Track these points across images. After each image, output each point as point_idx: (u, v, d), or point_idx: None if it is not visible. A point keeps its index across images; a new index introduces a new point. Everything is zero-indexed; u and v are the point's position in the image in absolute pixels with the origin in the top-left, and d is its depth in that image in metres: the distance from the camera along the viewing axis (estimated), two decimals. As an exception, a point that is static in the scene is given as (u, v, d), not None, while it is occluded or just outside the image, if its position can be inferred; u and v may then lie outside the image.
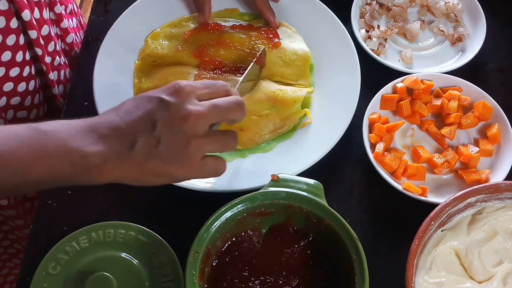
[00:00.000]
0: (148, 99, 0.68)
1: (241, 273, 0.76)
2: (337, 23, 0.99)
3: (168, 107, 0.67)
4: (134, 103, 0.69)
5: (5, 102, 0.91)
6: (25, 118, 0.96)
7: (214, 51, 0.96)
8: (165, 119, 0.66)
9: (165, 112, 0.67)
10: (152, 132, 0.66)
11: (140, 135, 0.66)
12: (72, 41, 1.06)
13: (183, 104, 0.67)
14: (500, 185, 0.77)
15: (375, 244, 0.84)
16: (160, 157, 0.66)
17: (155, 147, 0.66)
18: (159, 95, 0.68)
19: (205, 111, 0.68)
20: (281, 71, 0.96)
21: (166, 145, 0.66)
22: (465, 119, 0.91)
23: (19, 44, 0.89)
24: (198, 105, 0.68)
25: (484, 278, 0.75)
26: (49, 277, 0.79)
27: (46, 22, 0.94)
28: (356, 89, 0.93)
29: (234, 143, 0.72)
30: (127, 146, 0.66)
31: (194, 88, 0.69)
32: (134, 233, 0.82)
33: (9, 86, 0.90)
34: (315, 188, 0.78)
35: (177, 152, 0.67)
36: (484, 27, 1.01)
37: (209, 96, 0.70)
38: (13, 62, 0.89)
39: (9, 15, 0.85)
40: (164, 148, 0.66)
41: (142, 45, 0.99)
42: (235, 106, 0.70)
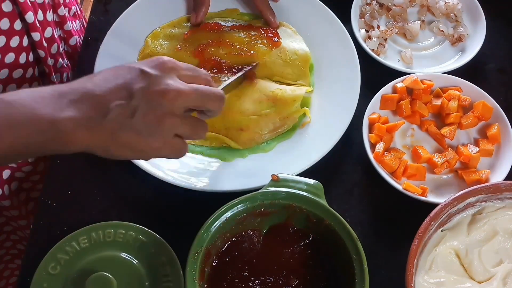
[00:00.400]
0: (129, 69, 0.66)
1: (241, 273, 0.76)
2: (337, 23, 0.99)
3: (149, 78, 0.64)
4: (113, 72, 0.66)
5: None
6: None
7: (214, 51, 0.96)
8: (144, 91, 0.64)
9: (145, 83, 0.64)
10: (129, 102, 0.63)
11: (115, 103, 0.63)
12: (75, 44, 1.06)
13: (164, 78, 0.65)
14: (500, 185, 0.77)
15: (375, 244, 0.84)
16: (133, 129, 0.64)
17: (130, 118, 0.63)
18: (141, 66, 0.66)
19: (186, 90, 0.65)
20: (281, 70, 0.96)
21: (141, 117, 0.64)
22: (465, 119, 0.91)
23: (23, 46, 0.89)
24: (179, 83, 0.65)
25: (484, 278, 0.75)
26: (49, 277, 0.79)
27: (50, 24, 0.94)
28: (356, 89, 0.93)
29: (204, 132, 0.70)
30: (100, 113, 0.63)
31: (177, 66, 0.67)
32: (134, 233, 0.82)
33: (12, 88, 0.90)
34: (315, 188, 0.78)
35: (151, 126, 0.64)
36: (484, 27, 1.01)
37: (191, 80, 0.68)
38: (16, 63, 0.89)
39: (13, 17, 0.85)
40: (139, 120, 0.64)
41: (142, 45, 0.99)
42: (215, 96, 0.68)
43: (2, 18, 0.83)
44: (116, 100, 0.64)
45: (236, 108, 0.91)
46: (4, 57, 0.86)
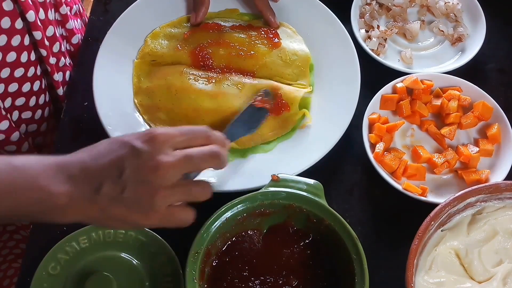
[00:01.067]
0: (122, 144, 0.67)
1: (241, 273, 0.76)
2: (337, 23, 0.99)
3: (139, 155, 0.66)
4: (108, 146, 0.68)
5: (10, 103, 0.91)
6: (30, 118, 0.96)
7: (214, 51, 0.96)
8: (134, 167, 0.66)
9: (135, 160, 0.66)
10: (119, 178, 0.65)
11: (107, 179, 0.65)
12: (77, 42, 1.06)
13: (155, 154, 0.66)
14: (500, 185, 0.77)
15: (375, 244, 0.84)
16: (123, 204, 0.66)
17: (119, 193, 0.65)
18: (132, 142, 0.67)
19: (175, 162, 0.66)
20: (281, 71, 0.96)
21: (131, 193, 0.65)
22: (465, 119, 0.91)
23: (24, 45, 0.89)
24: (169, 156, 0.66)
25: (484, 278, 0.75)
26: (49, 277, 0.79)
27: (51, 23, 0.94)
28: (356, 89, 0.93)
29: (205, 194, 0.70)
30: (93, 189, 0.65)
31: (170, 136, 0.68)
32: (134, 233, 0.82)
33: (14, 87, 0.90)
34: (315, 188, 0.78)
35: (141, 201, 0.66)
36: (484, 27, 1.01)
37: (186, 144, 0.69)
38: (18, 62, 0.89)
39: (14, 15, 0.85)
40: (128, 196, 0.65)
41: (142, 44, 0.99)
42: (209, 157, 0.69)
43: (3, 17, 0.83)
44: (108, 176, 0.66)
45: (235, 108, 0.91)
46: (6, 56, 0.86)
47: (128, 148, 0.67)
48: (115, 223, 0.69)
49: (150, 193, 0.65)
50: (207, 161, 0.69)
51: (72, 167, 0.66)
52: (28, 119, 0.96)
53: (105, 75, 0.94)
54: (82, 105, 0.96)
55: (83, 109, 0.95)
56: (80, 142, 0.92)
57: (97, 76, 0.94)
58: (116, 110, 0.92)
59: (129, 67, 0.97)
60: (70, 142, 0.94)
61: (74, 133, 0.95)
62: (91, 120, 0.92)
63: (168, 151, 0.67)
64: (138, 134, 0.68)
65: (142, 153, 0.66)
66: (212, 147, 0.70)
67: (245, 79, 0.94)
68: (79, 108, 0.96)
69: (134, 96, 0.94)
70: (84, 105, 0.96)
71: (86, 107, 0.95)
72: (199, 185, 0.70)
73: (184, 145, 0.69)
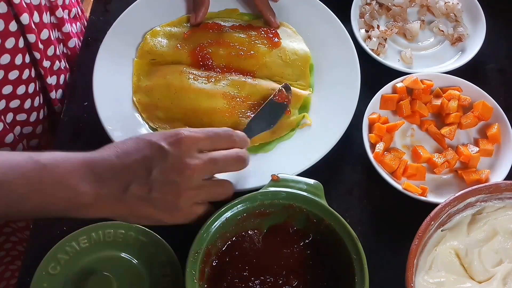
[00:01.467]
0: (150, 144, 0.69)
1: (241, 273, 0.76)
2: (337, 23, 0.99)
3: (166, 156, 0.68)
4: (135, 145, 0.70)
5: (5, 105, 0.91)
6: (25, 121, 0.96)
7: (214, 51, 0.96)
8: (162, 168, 0.68)
9: (163, 161, 0.68)
10: (147, 178, 0.67)
11: (134, 179, 0.67)
12: (74, 46, 1.05)
13: (182, 157, 0.68)
14: (500, 185, 0.77)
15: (375, 244, 0.84)
16: (150, 203, 0.68)
17: (147, 193, 0.68)
18: (160, 143, 0.69)
19: (202, 165, 0.69)
20: (281, 71, 0.96)
21: (158, 193, 0.68)
22: (465, 119, 0.91)
23: (18, 47, 0.88)
24: (195, 159, 0.69)
25: (484, 278, 0.75)
26: (49, 277, 0.79)
27: (46, 26, 0.94)
28: (356, 89, 0.93)
29: (227, 193, 0.74)
30: (121, 189, 0.67)
31: (196, 139, 0.70)
32: (134, 233, 0.82)
33: (8, 89, 0.90)
34: (315, 188, 0.78)
35: (168, 201, 0.69)
36: (484, 27, 1.01)
37: (211, 147, 0.71)
38: (12, 65, 0.89)
39: (8, 18, 0.85)
40: (156, 196, 0.68)
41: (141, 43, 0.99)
42: (233, 161, 0.72)
43: None
44: (135, 176, 0.68)
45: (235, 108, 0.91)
46: (0, 58, 0.86)
47: (156, 149, 0.68)
48: (140, 220, 0.72)
49: (177, 194, 0.68)
50: (231, 165, 0.72)
51: (100, 166, 0.68)
52: (23, 121, 0.96)
53: (105, 75, 0.94)
54: (82, 105, 0.96)
55: (83, 109, 0.95)
56: (80, 142, 0.93)
57: (97, 76, 0.94)
58: (116, 110, 0.92)
59: (129, 67, 0.97)
60: (70, 142, 0.94)
61: (74, 133, 0.95)
62: (91, 120, 0.92)
63: (194, 154, 0.69)
64: (165, 135, 0.70)
65: (169, 154, 0.68)
66: (237, 152, 0.73)
67: (245, 79, 0.94)
68: (79, 108, 0.96)
69: (133, 95, 0.95)
70: (84, 105, 0.96)
71: (86, 107, 0.95)
72: (221, 185, 0.74)
73: (209, 147, 0.71)
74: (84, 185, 0.67)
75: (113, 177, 0.68)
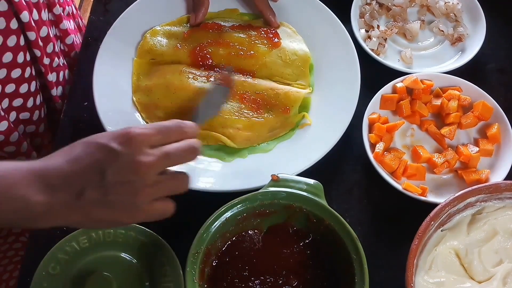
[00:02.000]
0: (99, 147, 0.67)
1: (241, 273, 0.76)
2: (337, 23, 0.99)
3: (118, 157, 0.66)
4: (84, 149, 0.68)
5: (8, 103, 0.91)
6: (28, 119, 0.96)
7: (213, 51, 0.96)
8: (115, 170, 0.66)
9: (115, 162, 0.66)
10: (101, 181, 0.65)
11: (88, 184, 0.65)
12: (72, 42, 1.05)
13: (134, 155, 0.66)
14: (500, 185, 0.77)
15: (375, 244, 0.84)
16: (107, 206, 0.66)
17: (103, 197, 0.65)
18: (110, 144, 0.67)
19: (155, 161, 0.67)
20: (281, 71, 0.96)
21: (114, 195, 0.66)
22: (465, 119, 0.91)
23: (20, 45, 0.88)
24: (148, 155, 0.67)
25: (484, 278, 0.75)
26: (49, 277, 0.79)
27: (45, 23, 0.94)
28: (356, 89, 0.93)
29: (184, 186, 0.71)
30: (74, 195, 0.65)
31: (146, 135, 0.68)
32: (134, 233, 0.82)
33: (11, 88, 0.90)
34: (315, 188, 0.78)
35: (125, 202, 0.66)
36: (484, 27, 1.01)
37: (163, 141, 0.69)
38: (15, 63, 0.89)
39: (9, 16, 0.85)
40: (112, 198, 0.66)
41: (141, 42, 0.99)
42: (186, 153, 0.70)
43: None
44: (88, 181, 0.65)
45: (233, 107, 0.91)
46: (2, 57, 0.86)
47: (107, 150, 0.66)
48: (99, 224, 0.70)
49: (133, 193, 0.66)
50: (184, 156, 0.70)
51: (50, 175, 0.66)
52: (26, 120, 0.96)
53: (105, 75, 0.94)
54: (82, 105, 0.96)
55: (83, 109, 0.95)
56: (80, 142, 0.93)
57: (97, 76, 0.94)
58: (116, 109, 0.92)
59: (129, 67, 0.97)
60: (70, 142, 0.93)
61: (74, 133, 0.94)
62: (91, 120, 0.92)
63: (146, 151, 0.67)
64: (113, 135, 0.68)
65: (121, 154, 0.66)
66: (189, 143, 0.70)
67: (245, 79, 0.94)
68: (79, 108, 0.96)
69: (133, 94, 0.95)
70: (84, 105, 0.96)
71: (86, 107, 0.95)
72: (177, 178, 0.71)
73: (161, 142, 0.69)
74: (34, 195, 0.64)
75: (64, 184, 0.65)
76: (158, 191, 0.68)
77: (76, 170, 0.66)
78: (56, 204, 0.65)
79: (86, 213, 0.66)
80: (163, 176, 0.69)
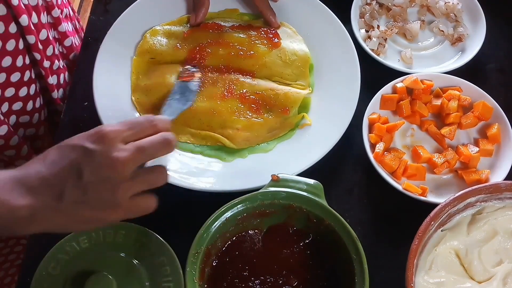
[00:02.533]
0: (73, 147, 0.68)
1: (241, 273, 0.76)
2: (337, 23, 0.99)
3: (93, 155, 0.66)
4: (59, 152, 0.68)
5: (7, 107, 0.91)
6: (28, 122, 0.96)
7: (213, 51, 0.96)
8: (91, 168, 0.66)
9: (91, 161, 0.66)
10: (79, 181, 0.66)
11: (67, 185, 0.66)
12: (70, 45, 1.05)
13: (108, 152, 0.66)
14: (500, 185, 0.77)
15: (375, 244, 0.84)
16: (88, 205, 0.66)
17: (82, 196, 0.66)
18: (83, 143, 0.67)
19: (131, 155, 0.67)
20: (281, 71, 0.96)
21: (93, 193, 0.66)
22: (465, 119, 0.91)
23: (19, 49, 0.88)
24: (123, 151, 0.67)
25: (484, 278, 0.75)
26: (49, 277, 0.79)
27: (44, 26, 0.94)
28: (356, 89, 0.93)
29: (162, 179, 0.71)
30: (55, 197, 0.66)
31: (118, 132, 0.68)
32: (134, 233, 0.82)
33: (10, 92, 0.90)
34: (315, 188, 0.78)
35: (105, 199, 0.67)
36: (484, 27, 1.01)
37: (136, 137, 0.69)
38: (14, 67, 0.89)
39: (8, 20, 0.85)
40: (91, 196, 0.66)
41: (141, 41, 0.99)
42: (161, 146, 0.70)
43: None
44: (67, 181, 0.66)
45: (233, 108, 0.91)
46: (1, 61, 0.86)
47: (81, 150, 0.67)
48: (82, 225, 0.70)
49: (112, 190, 0.66)
50: (159, 149, 0.70)
51: (30, 179, 0.66)
52: (26, 123, 0.96)
53: (105, 75, 0.94)
54: (82, 105, 0.96)
55: (83, 109, 0.95)
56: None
57: (97, 76, 0.94)
58: (116, 109, 0.92)
59: (129, 67, 0.97)
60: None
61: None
62: (91, 120, 0.91)
63: (120, 146, 0.67)
64: (86, 135, 0.69)
65: (95, 153, 0.66)
66: (163, 136, 0.71)
67: (244, 79, 0.94)
68: (79, 108, 0.96)
69: (132, 94, 0.95)
70: (84, 105, 0.96)
71: (86, 107, 0.95)
72: (155, 171, 0.71)
73: (134, 137, 0.69)
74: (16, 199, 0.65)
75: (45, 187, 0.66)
76: (136, 186, 0.68)
77: (54, 172, 0.66)
78: (39, 207, 0.65)
79: (68, 214, 0.66)
80: (140, 170, 0.69)
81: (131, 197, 0.68)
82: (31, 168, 0.68)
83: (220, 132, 0.90)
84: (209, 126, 0.91)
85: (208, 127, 0.91)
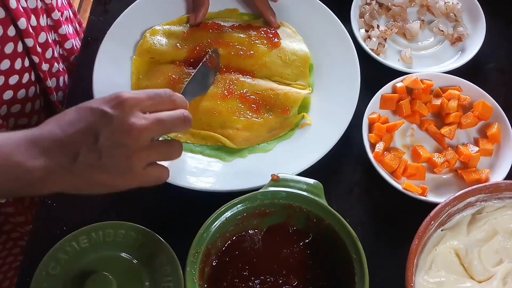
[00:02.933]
0: (91, 110, 0.68)
1: (241, 272, 0.76)
2: (337, 23, 0.99)
3: (111, 120, 0.66)
4: (76, 114, 0.68)
5: (6, 110, 0.91)
6: (26, 125, 0.96)
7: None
8: (108, 132, 0.66)
9: (108, 125, 0.66)
10: (94, 144, 0.66)
11: (82, 147, 0.66)
12: (71, 47, 1.05)
13: (126, 117, 0.66)
14: (500, 184, 0.77)
15: (375, 244, 0.84)
16: (102, 169, 0.67)
17: (97, 160, 0.66)
18: (102, 107, 0.67)
19: (149, 124, 0.67)
20: (280, 71, 0.96)
21: (108, 158, 0.66)
22: (465, 119, 0.91)
23: (17, 52, 0.88)
24: (141, 119, 0.67)
25: (484, 277, 0.75)
26: (49, 277, 0.79)
27: (43, 29, 0.94)
28: (356, 89, 0.93)
29: (177, 153, 0.72)
30: (69, 159, 0.66)
31: (138, 100, 0.68)
32: (134, 233, 0.82)
33: (9, 94, 0.90)
34: (315, 188, 0.78)
35: (119, 164, 0.67)
36: (484, 27, 1.01)
37: (154, 108, 0.70)
38: (12, 70, 0.89)
39: (6, 23, 0.85)
40: (106, 161, 0.66)
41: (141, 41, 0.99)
42: (179, 121, 0.70)
43: None
44: (82, 144, 0.66)
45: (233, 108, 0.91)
46: (0, 64, 0.86)
47: (99, 114, 0.67)
48: (95, 188, 0.70)
49: (127, 156, 0.66)
50: (177, 125, 0.70)
51: (44, 140, 0.66)
52: (25, 126, 0.96)
53: (105, 75, 0.94)
54: (82, 105, 0.96)
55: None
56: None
57: (97, 76, 0.94)
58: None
59: (129, 67, 0.97)
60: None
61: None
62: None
63: (139, 114, 0.67)
64: (105, 99, 0.68)
65: (114, 117, 0.66)
66: (182, 112, 0.71)
67: (244, 79, 0.94)
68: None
69: (132, 94, 0.94)
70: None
71: (86, 107, 0.95)
72: (171, 145, 0.72)
73: (152, 108, 0.69)
74: (31, 160, 0.65)
75: (59, 148, 0.66)
76: (151, 155, 0.69)
77: (70, 134, 0.66)
78: (53, 167, 0.66)
79: (83, 176, 0.67)
80: (156, 141, 0.70)
81: (145, 166, 0.69)
82: (45, 129, 0.68)
83: (220, 132, 0.90)
84: (209, 126, 0.91)
85: (208, 127, 0.91)
